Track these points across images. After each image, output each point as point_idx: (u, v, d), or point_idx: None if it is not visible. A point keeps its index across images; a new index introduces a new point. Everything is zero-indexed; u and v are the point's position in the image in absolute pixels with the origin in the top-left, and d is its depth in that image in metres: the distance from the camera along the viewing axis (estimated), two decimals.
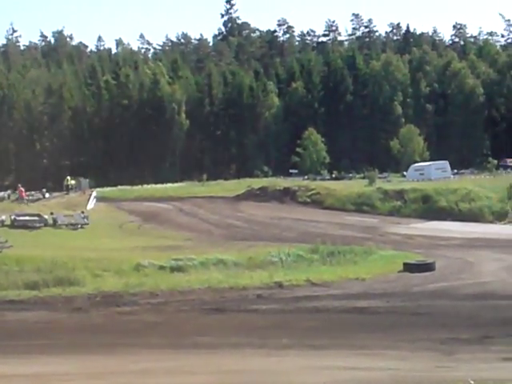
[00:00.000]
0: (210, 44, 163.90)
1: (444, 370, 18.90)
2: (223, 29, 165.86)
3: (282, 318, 28.47)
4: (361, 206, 68.07)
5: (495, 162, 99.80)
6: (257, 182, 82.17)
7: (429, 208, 65.12)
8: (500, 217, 62.87)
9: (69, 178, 79.25)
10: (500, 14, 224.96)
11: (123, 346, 20.30)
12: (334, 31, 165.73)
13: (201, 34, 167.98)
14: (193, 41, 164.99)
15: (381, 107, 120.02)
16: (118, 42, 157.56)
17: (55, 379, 19.49)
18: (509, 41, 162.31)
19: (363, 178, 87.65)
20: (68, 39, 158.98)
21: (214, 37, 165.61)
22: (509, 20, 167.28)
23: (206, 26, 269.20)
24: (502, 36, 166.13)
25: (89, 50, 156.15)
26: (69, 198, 71.38)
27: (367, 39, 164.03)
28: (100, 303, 33.30)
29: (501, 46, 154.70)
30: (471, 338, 23.50)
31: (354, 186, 77.16)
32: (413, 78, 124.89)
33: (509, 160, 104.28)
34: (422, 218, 63.06)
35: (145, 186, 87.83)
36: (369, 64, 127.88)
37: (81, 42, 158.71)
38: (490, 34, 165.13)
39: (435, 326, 26.17)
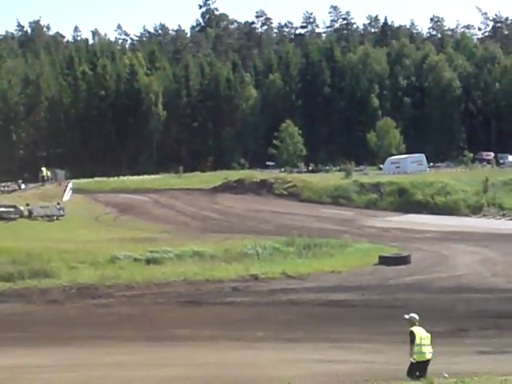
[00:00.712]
0: (188, 35, 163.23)
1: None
2: (201, 20, 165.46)
3: (258, 310, 28.49)
4: (337, 198, 68.22)
5: (471, 155, 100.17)
6: (233, 174, 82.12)
7: (405, 201, 65.37)
8: (475, 210, 63.21)
9: (44, 169, 78.77)
10: (477, 7, 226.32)
11: (98, 338, 20.24)
12: (311, 23, 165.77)
13: (179, 25, 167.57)
14: (170, 32, 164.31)
15: (358, 100, 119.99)
16: (95, 33, 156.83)
17: (29, 371, 19.41)
18: (486, 34, 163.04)
19: (340, 170, 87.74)
20: (45, 29, 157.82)
21: (192, 28, 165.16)
22: (486, 13, 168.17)
23: (184, 17, 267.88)
24: (479, 29, 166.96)
25: (66, 40, 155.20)
26: (45, 190, 70.94)
27: (345, 31, 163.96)
28: (75, 295, 33.19)
29: (478, 39, 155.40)
30: (446, 331, 23.62)
31: (330, 178, 77.29)
32: (390, 71, 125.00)
33: (485, 153, 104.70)
34: (397, 211, 63.32)
35: (121, 177, 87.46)
36: (346, 56, 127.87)
37: (58, 33, 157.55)
38: (467, 27, 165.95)
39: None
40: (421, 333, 15.99)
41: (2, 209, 55.44)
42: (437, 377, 15.72)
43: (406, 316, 16.36)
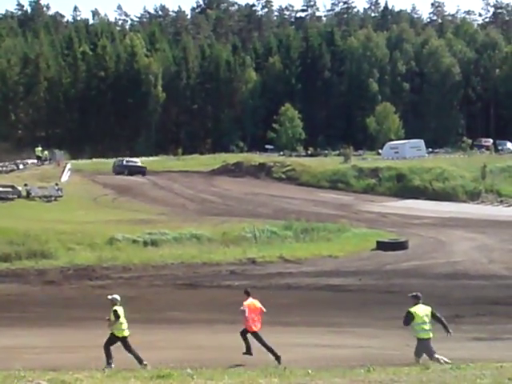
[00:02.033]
0: (188, 17, 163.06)
1: (414, 348, 19.00)
2: (201, 2, 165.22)
3: (255, 294, 28.51)
4: (336, 183, 68.25)
5: (470, 141, 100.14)
6: (232, 157, 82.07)
7: (403, 186, 65.39)
8: (473, 196, 63.22)
9: (40, 148, 78.62)
10: None
11: (95, 319, 20.26)
12: (312, 7, 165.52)
13: (179, 7, 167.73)
14: (170, 13, 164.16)
15: (357, 84, 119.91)
16: (95, 13, 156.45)
17: (26, 352, 19.45)
18: (486, 20, 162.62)
19: (338, 155, 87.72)
20: (45, 9, 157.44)
21: (192, 9, 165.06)
22: None
23: None
24: (480, 15, 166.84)
25: (65, 20, 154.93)
26: (43, 170, 70.91)
27: (345, 15, 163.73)
28: (72, 276, 33.25)
29: (478, 24, 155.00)
30: (444, 316, 23.64)
31: (329, 163, 77.28)
32: (390, 56, 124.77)
33: (483, 140, 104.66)
34: (396, 197, 63.35)
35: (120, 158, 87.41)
36: (347, 41, 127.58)
37: (57, 12, 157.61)
38: (468, 12, 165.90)
39: (407, 304, 26.27)
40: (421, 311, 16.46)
41: (0, 189, 55.36)
42: (432, 363, 15.79)
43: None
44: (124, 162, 75.54)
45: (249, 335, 18.46)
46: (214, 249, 38.83)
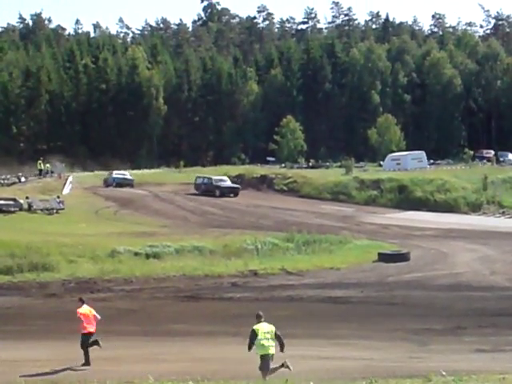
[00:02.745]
0: (190, 29, 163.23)
1: (417, 360, 19.02)
2: (203, 14, 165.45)
3: (257, 306, 28.38)
4: (337, 194, 68.27)
5: (471, 152, 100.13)
6: (234, 170, 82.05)
7: (405, 198, 65.40)
8: (475, 208, 63.21)
9: (41, 161, 78.67)
10: (479, 5, 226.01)
11: (97, 332, 20.25)
12: (313, 19, 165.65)
13: (180, 19, 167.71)
14: (172, 26, 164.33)
15: (359, 96, 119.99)
16: (96, 26, 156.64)
17: (28, 365, 19.43)
18: (487, 32, 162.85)
19: (340, 167, 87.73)
20: (46, 22, 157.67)
21: (194, 22, 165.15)
22: (488, 11, 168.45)
23: (186, 11, 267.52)
24: (481, 27, 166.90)
25: (67, 33, 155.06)
26: (45, 183, 70.96)
27: (346, 27, 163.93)
28: (74, 289, 33.18)
29: (479, 36, 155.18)
30: (445, 328, 23.65)
31: (330, 174, 77.30)
32: (392, 68, 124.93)
33: (485, 151, 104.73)
34: (397, 208, 63.36)
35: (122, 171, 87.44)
36: (348, 52, 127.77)
37: (59, 25, 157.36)
38: (469, 24, 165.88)
39: (409, 316, 26.31)
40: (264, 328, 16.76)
41: (2, 201, 55.33)
42: (435, 375, 15.73)
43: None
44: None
45: None
46: (215, 261, 38.80)
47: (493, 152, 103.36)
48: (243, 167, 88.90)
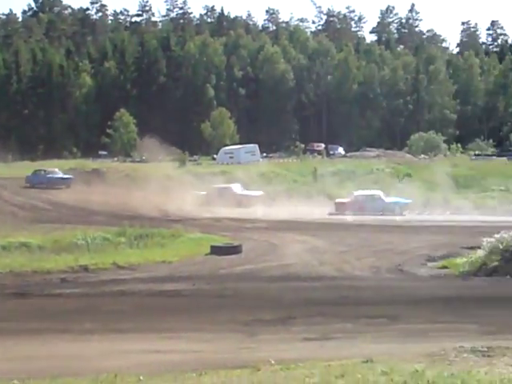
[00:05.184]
0: (19, 20, 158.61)
1: (247, 351, 19.10)
2: (33, 4, 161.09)
3: (87, 302, 27.96)
4: None
5: (303, 146, 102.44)
6: (65, 164, 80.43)
7: None
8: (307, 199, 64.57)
9: None
10: (311, 1, 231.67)
11: None
12: (147, 11, 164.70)
13: (10, 9, 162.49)
14: (0, 16, 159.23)
15: (194, 90, 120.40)
16: None
17: None
18: (319, 27, 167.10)
19: (173, 160, 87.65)
20: None
21: (24, 12, 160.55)
22: (320, 7, 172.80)
23: (15, 1, 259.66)
24: (313, 22, 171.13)
25: None
26: None
27: (181, 21, 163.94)
28: None
29: (311, 32, 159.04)
30: (274, 319, 23.88)
31: (164, 168, 77.02)
32: (227, 61, 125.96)
33: (316, 144, 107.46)
34: None
35: None
36: (183, 46, 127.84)
37: None
38: (301, 20, 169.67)
39: (240, 308, 26.46)
40: None
41: None
42: (263, 364, 15.86)
43: None
44: None
45: None
46: (44, 257, 37.79)
47: (323, 145, 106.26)
48: (75, 161, 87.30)
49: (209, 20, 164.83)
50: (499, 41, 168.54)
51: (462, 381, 10.40)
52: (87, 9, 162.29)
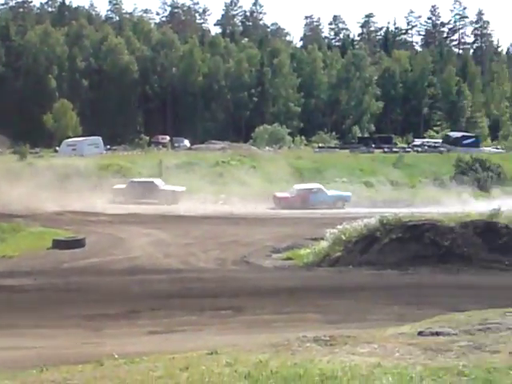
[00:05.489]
0: None
1: (91, 345, 18.91)
2: None
3: None
4: None
5: (147, 138, 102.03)
6: None
7: None
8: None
9: None
10: None
11: None
12: None
13: None
14: None
15: (35, 81, 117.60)
16: None
17: None
18: (163, 19, 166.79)
19: (14, 153, 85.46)
20: None
21: None
22: None
23: None
24: (157, 14, 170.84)
25: None
26: None
27: (21, 9, 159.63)
28: None
29: (156, 23, 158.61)
30: (119, 313, 23.73)
31: (4, 160, 74.95)
32: (69, 52, 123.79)
33: (161, 137, 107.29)
34: None
35: None
36: (24, 35, 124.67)
37: None
38: (145, 11, 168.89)
39: (84, 302, 26.11)
40: None
41: None
42: (107, 359, 15.71)
43: None
44: None
45: None
46: None
47: (168, 137, 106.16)
48: None
49: (50, 9, 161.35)
50: (341, 35, 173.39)
51: (304, 370, 10.62)
52: None
